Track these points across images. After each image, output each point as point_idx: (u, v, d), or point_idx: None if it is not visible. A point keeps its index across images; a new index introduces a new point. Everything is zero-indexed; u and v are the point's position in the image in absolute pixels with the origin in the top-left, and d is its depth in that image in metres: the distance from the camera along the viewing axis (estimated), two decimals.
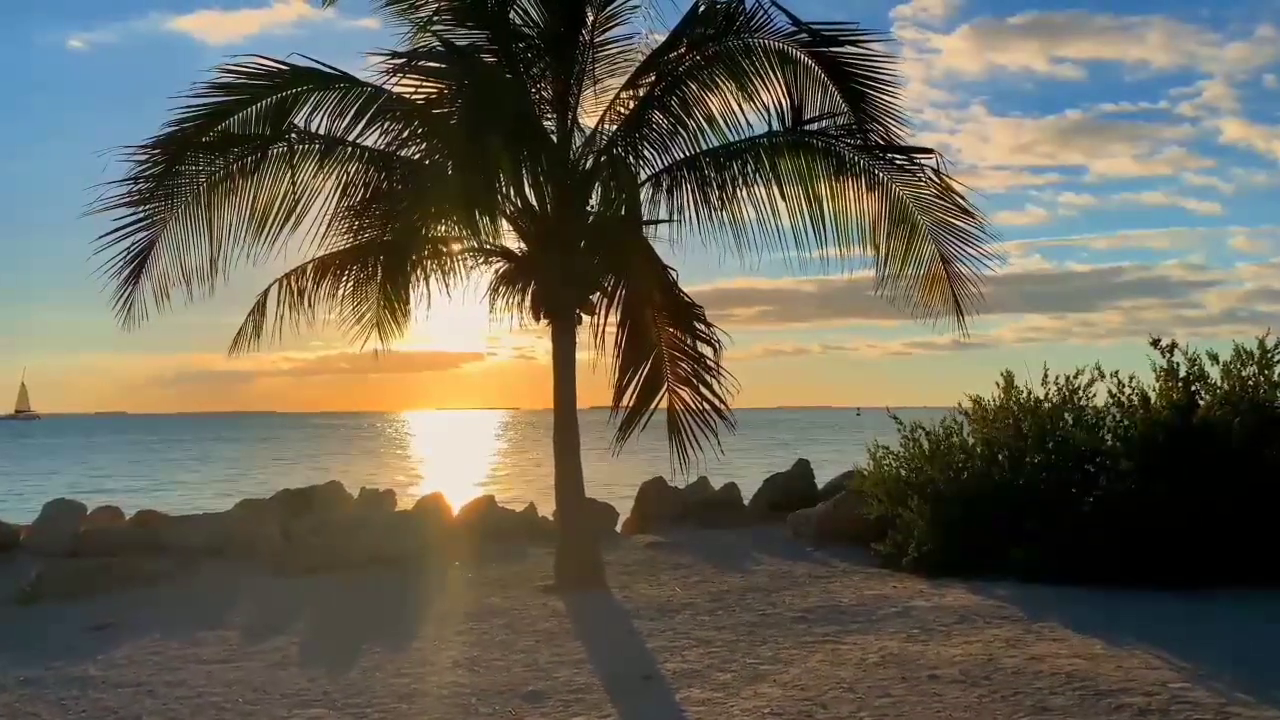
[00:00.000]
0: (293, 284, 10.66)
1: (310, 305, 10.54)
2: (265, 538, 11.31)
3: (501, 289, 10.04)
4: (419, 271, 10.41)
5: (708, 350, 8.44)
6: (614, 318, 8.68)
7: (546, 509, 11.94)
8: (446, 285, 10.65)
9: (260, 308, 10.76)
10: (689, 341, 8.39)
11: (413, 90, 8.52)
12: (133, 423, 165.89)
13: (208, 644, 7.70)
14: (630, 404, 8.31)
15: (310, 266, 10.57)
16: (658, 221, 9.45)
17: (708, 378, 8.31)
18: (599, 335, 8.94)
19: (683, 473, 8.73)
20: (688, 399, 8.36)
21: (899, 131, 8.93)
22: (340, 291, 10.49)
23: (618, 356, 8.43)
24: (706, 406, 8.31)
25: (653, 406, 8.37)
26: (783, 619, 8.07)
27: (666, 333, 8.41)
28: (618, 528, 13.92)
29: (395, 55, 8.23)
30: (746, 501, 14.76)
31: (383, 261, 10.10)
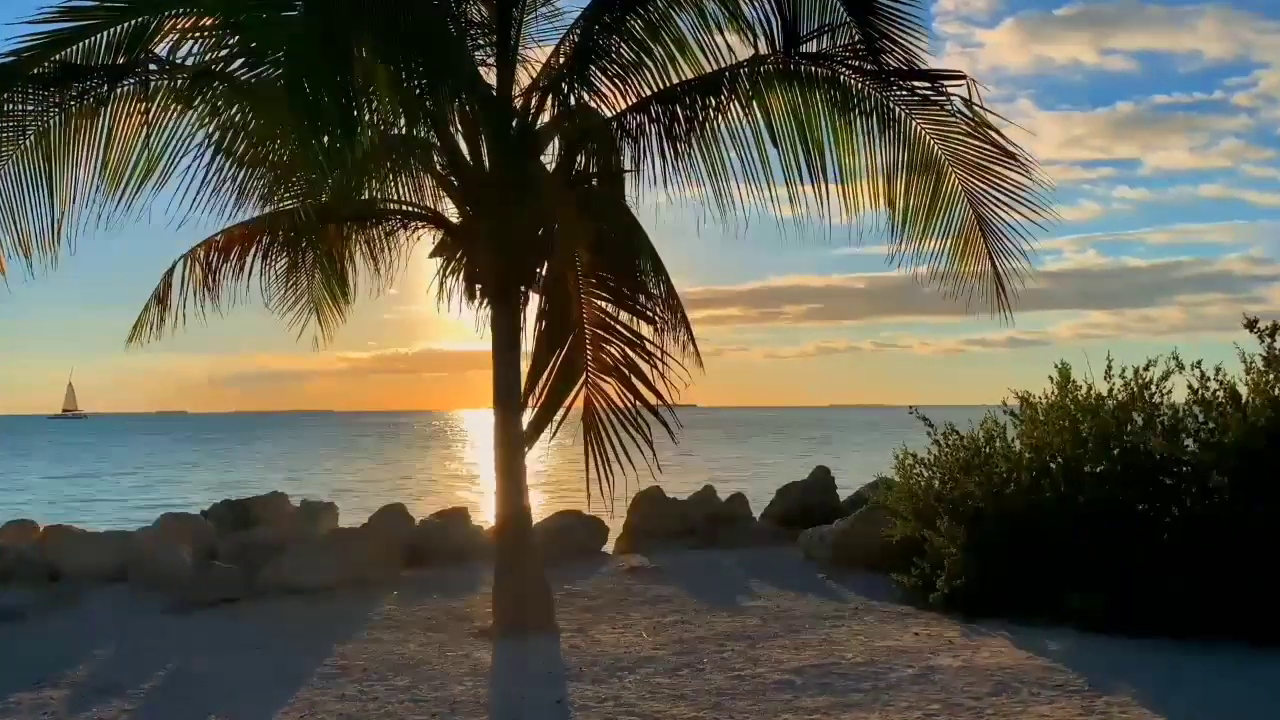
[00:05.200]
0: (199, 260, 9.01)
1: (215, 285, 8.89)
2: (176, 562, 9.58)
3: (441, 264, 8.31)
4: (340, 241, 8.75)
5: (647, 330, 6.57)
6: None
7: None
8: (375, 260, 9.02)
9: (163, 292, 9.13)
10: (627, 319, 6.50)
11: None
12: (183, 422, 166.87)
13: (19, 712, 5.98)
14: (542, 398, 6.49)
15: (221, 238, 8.93)
16: (618, 173, 7.59)
17: (643, 365, 6.42)
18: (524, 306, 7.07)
19: (608, 484, 6.91)
20: (612, 393, 6.49)
21: (920, 54, 6.98)
22: (247, 268, 8.85)
23: (538, 334, 6.59)
24: (639, 403, 6.41)
25: (569, 401, 6.53)
26: (763, 684, 6.16)
27: (593, 308, 6.54)
28: (608, 546, 12.05)
29: None
30: (759, 515, 12.80)
31: (287, 229, 8.40)
